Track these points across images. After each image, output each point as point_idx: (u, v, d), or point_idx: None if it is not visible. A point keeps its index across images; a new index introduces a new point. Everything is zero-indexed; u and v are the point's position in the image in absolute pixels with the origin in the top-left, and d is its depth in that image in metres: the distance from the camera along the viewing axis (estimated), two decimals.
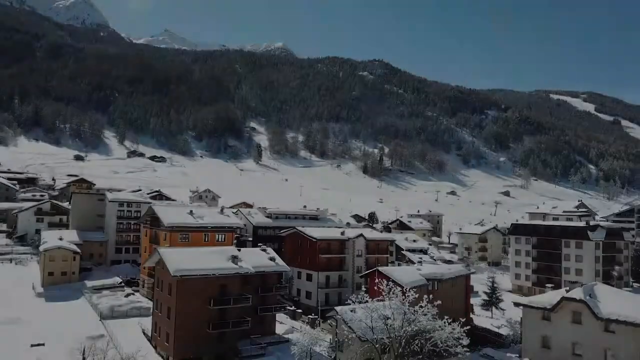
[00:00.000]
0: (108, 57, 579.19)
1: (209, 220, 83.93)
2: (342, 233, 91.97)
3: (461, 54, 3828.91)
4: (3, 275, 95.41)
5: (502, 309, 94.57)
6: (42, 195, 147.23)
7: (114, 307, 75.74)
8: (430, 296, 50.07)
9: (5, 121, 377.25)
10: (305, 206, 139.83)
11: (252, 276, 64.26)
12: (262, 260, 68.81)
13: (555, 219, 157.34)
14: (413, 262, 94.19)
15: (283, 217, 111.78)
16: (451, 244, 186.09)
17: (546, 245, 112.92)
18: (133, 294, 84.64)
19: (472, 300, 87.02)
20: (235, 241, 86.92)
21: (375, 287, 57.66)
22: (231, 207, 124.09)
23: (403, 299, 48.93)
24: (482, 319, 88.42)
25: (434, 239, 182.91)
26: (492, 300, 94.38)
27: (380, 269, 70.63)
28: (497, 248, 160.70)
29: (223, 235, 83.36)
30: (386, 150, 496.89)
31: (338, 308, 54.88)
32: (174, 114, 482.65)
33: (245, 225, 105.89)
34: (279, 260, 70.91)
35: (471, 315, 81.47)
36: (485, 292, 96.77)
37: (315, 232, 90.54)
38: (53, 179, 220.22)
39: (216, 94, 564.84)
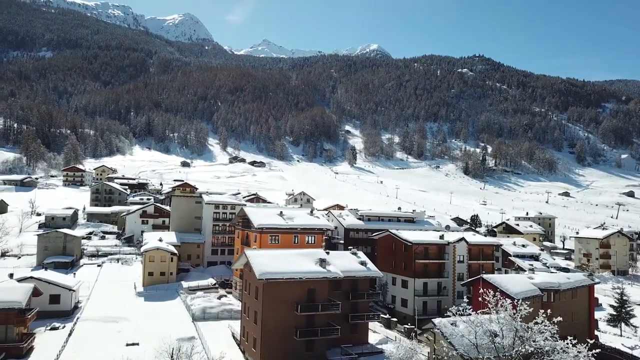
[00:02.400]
0: (211, 69, 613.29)
1: (299, 222, 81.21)
2: (441, 237, 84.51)
3: (569, 44, 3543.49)
4: (110, 274, 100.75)
5: (634, 326, 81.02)
6: (148, 199, 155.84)
7: (206, 308, 75.40)
8: (549, 311, 41.96)
9: (123, 132, 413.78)
10: (399, 208, 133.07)
11: (342, 281, 60.17)
12: (353, 264, 64.49)
13: None
14: (523, 270, 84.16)
15: (376, 219, 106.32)
16: (566, 249, 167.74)
17: None
18: (225, 295, 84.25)
19: (596, 315, 75.19)
20: (325, 243, 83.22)
21: (480, 298, 50.36)
22: (324, 210, 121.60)
23: (514, 313, 41.51)
24: (608, 336, 76.08)
25: (546, 244, 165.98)
26: (622, 315, 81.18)
27: (485, 276, 62.77)
28: (622, 254, 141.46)
29: (313, 237, 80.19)
30: (489, 149, 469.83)
31: (436, 320, 48.51)
32: (273, 120, 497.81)
33: (336, 227, 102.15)
34: (370, 265, 66.01)
35: (596, 333, 70.08)
36: (612, 305, 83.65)
37: (411, 235, 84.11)
38: (161, 184, 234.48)
39: (312, 99, 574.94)
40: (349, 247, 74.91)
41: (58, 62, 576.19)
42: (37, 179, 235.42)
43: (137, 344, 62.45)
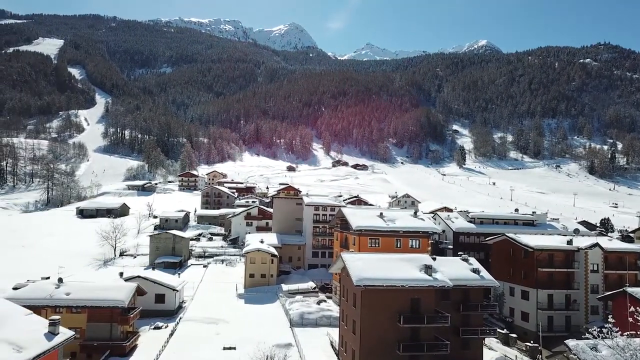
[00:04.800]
0: (315, 76, 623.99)
1: (401, 224, 74.86)
2: (569, 242, 72.92)
3: None
4: (214, 275, 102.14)
5: None
6: (253, 202, 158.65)
7: (304, 314, 72.03)
8: None
9: (234, 139, 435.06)
10: (516, 210, 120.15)
11: (451, 290, 53.30)
12: (463, 271, 57.12)
13: None
14: None
15: (489, 222, 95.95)
16: None
17: None
18: (325, 300, 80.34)
19: None
20: (430, 248, 75.85)
21: (628, 318, 40.39)
22: (429, 213, 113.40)
23: None
24: None
25: None
26: None
27: (630, 290, 51.61)
28: None
29: (417, 241, 73.39)
30: (619, 145, 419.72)
31: (571, 343, 39.67)
32: (376, 123, 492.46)
33: (444, 231, 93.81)
34: (484, 272, 57.94)
35: None
36: None
37: (532, 239, 73.64)
38: (267, 188, 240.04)
39: (417, 100, 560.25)
40: (459, 253, 67.16)
41: (176, 76, 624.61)
42: (156, 184, 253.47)
43: (234, 348, 60.70)
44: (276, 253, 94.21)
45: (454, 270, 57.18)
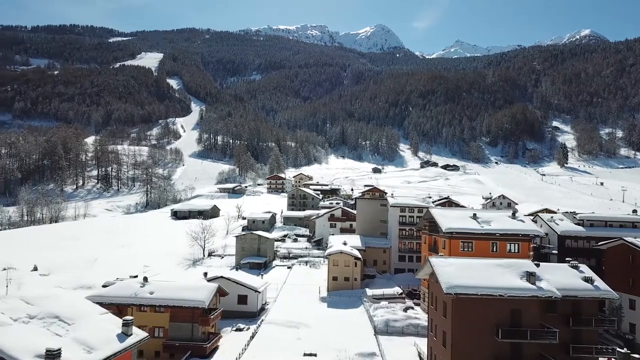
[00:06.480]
0: (402, 75, 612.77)
1: (498, 226, 67.70)
2: None
3: None
4: (297, 277, 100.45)
5: None
6: (337, 203, 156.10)
7: (389, 321, 67.38)
8: None
9: (320, 142, 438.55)
10: (635, 211, 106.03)
11: (558, 302, 46.77)
12: (573, 280, 50.11)
13: None
14: None
15: (601, 224, 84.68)
16: None
17: None
18: (412, 307, 75.02)
19: None
20: (531, 253, 67.80)
21: None
22: (528, 215, 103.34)
23: None
24: None
25: None
26: None
27: None
28: None
29: (516, 246, 65.90)
30: None
31: None
32: (467, 122, 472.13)
33: (546, 234, 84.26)
34: (598, 282, 50.34)
35: None
36: None
37: None
38: (352, 190, 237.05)
39: (511, 96, 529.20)
40: (566, 259, 59.03)
41: (265, 83, 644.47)
42: (246, 187, 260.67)
43: (315, 355, 57.85)
44: (360, 256, 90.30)
45: (562, 278, 50.37)
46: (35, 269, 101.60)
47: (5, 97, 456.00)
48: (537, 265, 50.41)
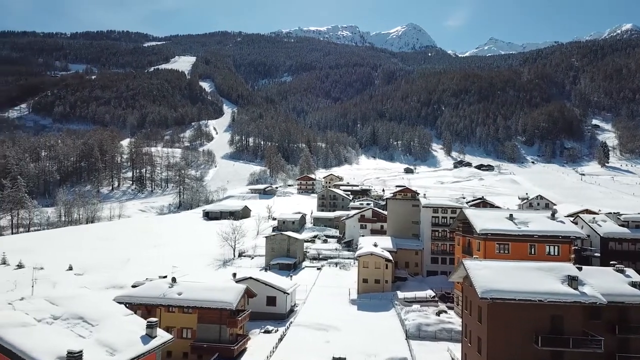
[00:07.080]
0: (434, 74, 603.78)
1: (536, 227, 64.71)
2: None
3: None
4: (327, 278, 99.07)
5: None
6: (367, 204, 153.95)
7: (421, 325, 65.20)
8: None
9: (350, 143, 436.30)
10: None
11: (603, 308, 43.89)
12: (619, 285, 47.24)
13: None
14: None
15: None
16: None
17: None
18: (445, 311, 72.53)
19: None
20: (573, 256, 64.41)
21: None
22: (567, 216, 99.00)
23: None
24: None
25: None
26: None
27: None
28: None
29: (555, 248, 62.78)
30: None
31: None
32: (501, 120, 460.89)
33: (588, 236, 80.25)
34: None
35: None
36: None
37: None
38: (383, 190, 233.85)
39: (548, 94, 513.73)
40: (610, 263, 55.74)
41: (296, 84, 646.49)
42: (276, 187, 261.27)
43: (344, 359, 56.14)
44: (391, 258, 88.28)
45: (606, 283, 47.48)
46: (71, 268, 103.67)
47: (46, 102, 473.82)
48: (580, 269, 47.64)
